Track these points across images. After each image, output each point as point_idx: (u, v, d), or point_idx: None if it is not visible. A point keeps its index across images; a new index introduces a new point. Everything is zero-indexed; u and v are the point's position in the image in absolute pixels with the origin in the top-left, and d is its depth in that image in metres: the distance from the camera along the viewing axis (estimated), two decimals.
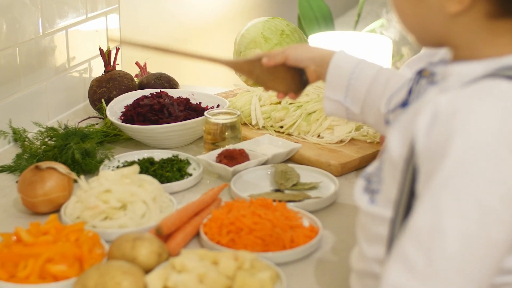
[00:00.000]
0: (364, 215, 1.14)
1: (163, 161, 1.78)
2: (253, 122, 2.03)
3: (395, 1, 1.08)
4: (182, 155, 1.84)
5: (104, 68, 2.24)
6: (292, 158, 1.88)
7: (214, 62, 1.58)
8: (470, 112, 0.93)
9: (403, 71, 1.95)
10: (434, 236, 0.92)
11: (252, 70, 1.58)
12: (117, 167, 1.80)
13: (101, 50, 2.24)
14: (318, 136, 1.96)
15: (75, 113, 2.27)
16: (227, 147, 1.83)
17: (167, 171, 1.74)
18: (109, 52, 2.24)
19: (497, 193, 0.91)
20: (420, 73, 1.12)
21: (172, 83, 2.23)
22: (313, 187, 1.70)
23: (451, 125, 0.94)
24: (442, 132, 0.94)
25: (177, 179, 1.72)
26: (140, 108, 1.98)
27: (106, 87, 2.15)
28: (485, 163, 0.91)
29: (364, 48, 3.14)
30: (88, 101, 2.25)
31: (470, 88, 0.97)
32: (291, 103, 2.03)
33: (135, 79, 2.28)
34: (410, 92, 1.16)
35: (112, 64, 2.25)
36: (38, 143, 1.89)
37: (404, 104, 1.18)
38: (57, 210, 1.58)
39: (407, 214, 1.01)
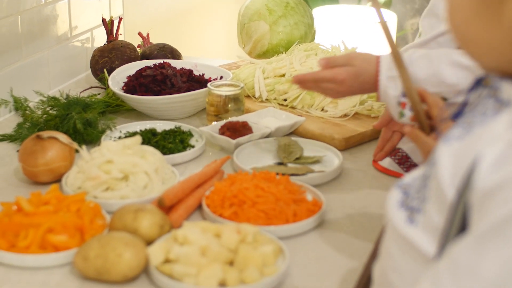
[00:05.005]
0: (397, 237, 0.98)
1: (166, 132, 1.77)
2: (257, 95, 2.02)
3: (460, 26, 0.91)
4: (185, 127, 1.82)
5: (106, 38, 2.22)
6: (295, 132, 1.86)
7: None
8: None
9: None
10: (471, 275, 0.83)
11: None
12: (119, 137, 1.78)
13: (103, 20, 2.22)
14: (322, 109, 1.94)
15: (77, 83, 2.25)
16: (230, 119, 1.81)
17: (170, 142, 1.72)
18: (111, 21, 2.21)
19: None
20: (479, 82, 0.98)
21: (175, 54, 2.21)
22: (317, 161, 1.69)
23: None
24: (509, 174, 0.82)
25: (179, 151, 1.71)
26: (142, 78, 1.96)
27: (108, 57, 2.13)
28: None
29: (368, 22, 3.11)
30: (90, 71, 2.23)
31: None
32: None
33: (138, 49, 2.25)
34: (465, 103, 1.04)
35: (114, 34, 2.22)
36: (39, 112, 1.87)
37: (457, 115, 1.06)
38: (58, 180, 1.56)
39: None
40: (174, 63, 2.07)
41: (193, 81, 1.99)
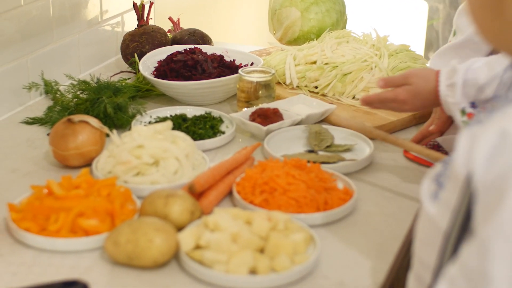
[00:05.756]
0: (423, 212, 1.00)
1: (196, 118, 1.76)
2: (287, 82, 2.00)
3: (476, 19, 0.93)
4: (215, 113, 1.81)
5: (137, 23, 2.21)
6: (326, 119, 1.84)
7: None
8: None
9: (433, 62, 1.87)
10: (482, 278, 0.83)
11: None
12: (149, 122, 1.78)
13: (134, 4, 2.21)
14: (353, 97, 1.93)
15: (107, 67, 2.25)
16: (260, 105, 1.80)
17: (200, 128, 1.72)
18: (142, 6, 2.21)
19: None
20: None
21: (206, 40, 2.20)
22: (348, 149, 1.67)
23: None
24: (507, 166, 0.80)
25: (209, 137, 1.70)
26: (173, 63, 1.95)
27: (139, 41, 2.12)
28: None
29: (400, 10, 3.09)
30: (120, 55, 2.22)
31: None
32: (326, 63, 1.99)
33: (168, 34, 2.25)
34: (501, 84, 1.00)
35: (145, 18, 2.22)
36: (69, 96, 1.87)
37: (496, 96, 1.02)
38: (88, 164, 1.56)
39: (463, 233, 0.89)
40: (204, 48, 2.06)
41: (223, 67, 1.98)
